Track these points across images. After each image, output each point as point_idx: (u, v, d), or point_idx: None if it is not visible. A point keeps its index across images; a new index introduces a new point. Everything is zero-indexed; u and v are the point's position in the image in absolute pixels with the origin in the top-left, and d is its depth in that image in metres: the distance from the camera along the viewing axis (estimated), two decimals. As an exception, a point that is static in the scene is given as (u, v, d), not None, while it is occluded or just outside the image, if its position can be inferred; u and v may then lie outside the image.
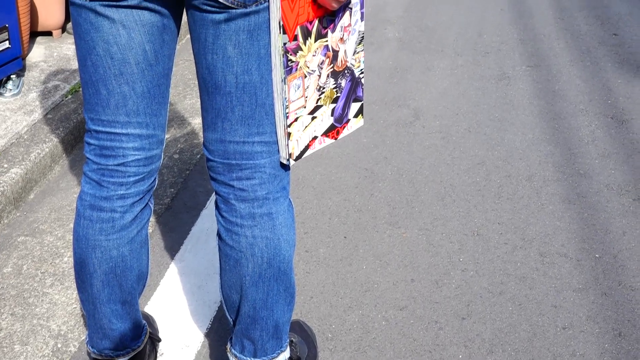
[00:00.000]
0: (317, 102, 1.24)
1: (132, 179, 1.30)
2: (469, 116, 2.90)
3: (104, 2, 1.17)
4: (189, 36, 1.35)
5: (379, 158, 2.58)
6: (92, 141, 1.29)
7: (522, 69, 3.39)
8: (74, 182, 2.40)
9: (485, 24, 3.96)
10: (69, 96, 2.77)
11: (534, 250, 2.06)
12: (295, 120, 1.21)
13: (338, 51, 1.25)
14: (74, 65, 3.02)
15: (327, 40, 1.21)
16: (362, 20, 1.29)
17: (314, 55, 1.19)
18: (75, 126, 2.62)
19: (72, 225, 2.12)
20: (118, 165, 1.28)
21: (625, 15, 4.10)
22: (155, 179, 1.37)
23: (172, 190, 2.37)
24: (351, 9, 1.24)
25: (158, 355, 1.66)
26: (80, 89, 1.98)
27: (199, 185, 2.40)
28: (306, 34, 1.16)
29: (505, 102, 3.03)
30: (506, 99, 3.07)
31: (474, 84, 3.22)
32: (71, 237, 2.02)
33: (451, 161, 2.56)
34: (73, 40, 3.27)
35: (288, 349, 1.47)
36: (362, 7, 1.27)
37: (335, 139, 1.34)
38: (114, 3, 1.17)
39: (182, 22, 1.31)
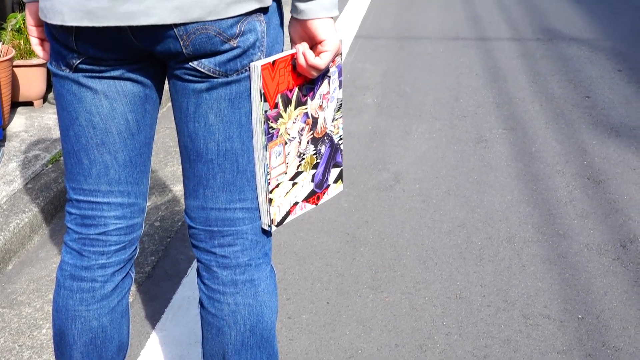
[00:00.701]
0: (297, 168, 1.26)
1: (113, 247, 1.30)
2: (448, 179, 2.94)
3: (87, 74, 1.19)
4: (170, 104, 1.37)
5: (360, 222, 2.59)
6: (73, 210, 1.29)
7: (498, 131, 3.45)
8: (53, 252, 2.38)
9: (461, 89, 4.05)
10: (49, 165, 2.78)
11: (517, 312, 2.06)
12: (277, 186, 1.23)
13: (317, 118, 1.27)
14: (55, 134, 3.04)
15: (306, 108, 1.24)
16: (340, 88, 1.32)
17: (294, 122, 1.21)
18: (56, 195, 2.61)
19: (51, 296, 2.09)
20: (99, 234, 1.28)
21: (597, 78, 4.22)
22: (136, 247, 1.37)
23: (153, 258, 2.35)
24: (330, 77, 1.27)
25: None
26: (61, 158, 1.99)
27: (180, 253, 2.39)
28: (286, 102, 1.19)
29: (484, 165, 3.08)
30: (484, 161, 3.12)
31: (452, 147, 3.27)
32: (50, 308, 1.99)
33: (432, 224, 2.58)
34: (54, 109, 3.30)
35: None
36: (340, 75, 1.30)
37: (316, 204, 1.35)
38: (97, 74, 1.19)
39: (164, 90, 1.32)
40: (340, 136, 1.36)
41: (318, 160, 1.31)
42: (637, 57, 4.65)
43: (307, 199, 1.32)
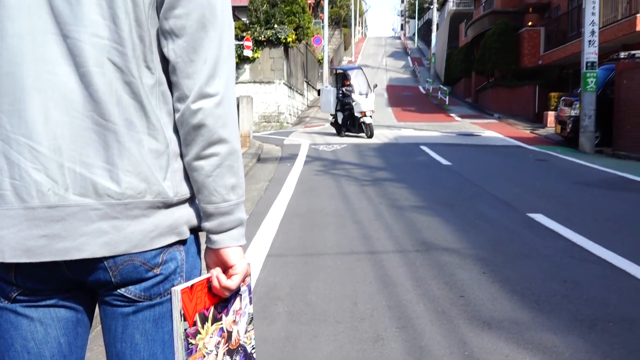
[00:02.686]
0: (216, 378, 1.22)
1: None
2: (353, 376, 2.87)
3: (24, 303, 1.16)
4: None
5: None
6: None
7: (392, 330, 3.47)
8: None
9: (358, 295, 4.11)
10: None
11: None
12: (197, 395, 1.18)
13: (232, 332, 1.26)
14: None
15: (222, 323, 1.23)
16: (250, 304, 1.33)
17: (211, 337, 1.20)
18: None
19: None
20: None
21: (467, 280, 4.40)
22: None
23: None
24: (241, 295, 1.29)
25: None
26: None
27: None
28: (204, 320, 1.18)
29: (382, 361, 3.05)
30: (382, 357, 3.09)
31: (354, 347, 3.24)
32: None
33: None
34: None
35: None
36: (250, 292, 1.32)
37: (234, 408, 1.29)
38: (34, 303, 1.16)
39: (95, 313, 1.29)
40: (252, 346, 1.34)
41: None
42: (496, 261, 4.93)
43: None
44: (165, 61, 1.15)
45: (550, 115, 20.16)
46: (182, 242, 1.21)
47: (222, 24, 1.17)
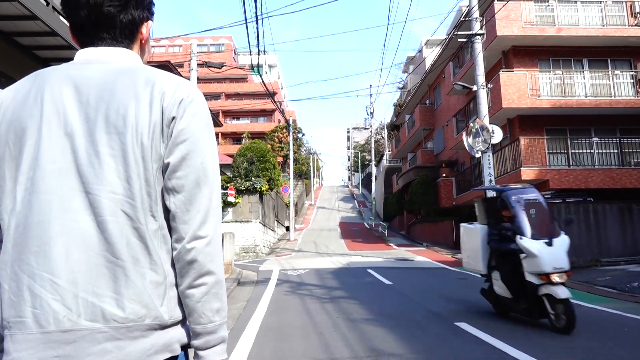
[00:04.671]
0: None
1: None
2: None
3: None
4: None
5: None
6: None
7: None
8: None
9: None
10: None
11: None
12: None
13: None
14: None
15: None
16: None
17: None
18: None
19: None
20: None
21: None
22: None
23: None
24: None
25: None
26: None
27: None
28: None
29: None
30: None
31: None
32: None
33: None
34: None
35: None
36: None
37: None
38: None
39: None
40: None
41: None
42: (433, 363, 4.72)
43: None
44: (166, 210, 1.17)
45: (465, 243, 20.48)
46: (174, 358, 1.15)
47: (213, 182, 1.20)
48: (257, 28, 13.01)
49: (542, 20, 19.11)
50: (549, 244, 6.02)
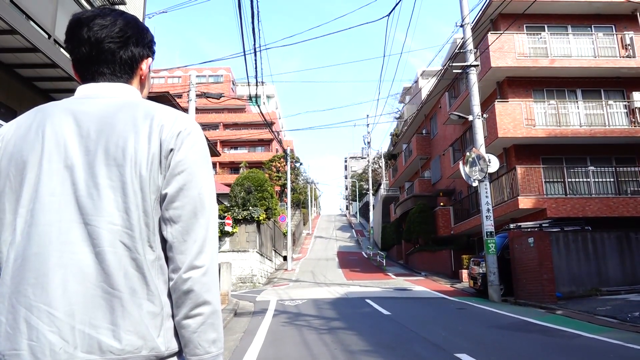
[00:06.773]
0: None
1: None
2: None
3: None
4: None
5: None
6: None
7: None
8: None
9: None
10: None
11: None
12: None
13: None
14: None
15: None
16: None
17: None
18: None
19: None
20: None
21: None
22: None
23: None
24: None
25: None
26: None
27: None
28: None
29: None
30: None
31: None
32: None
33: None
34: None
35: None
36: None
37: None
38: None
39: None
40: None
41: None
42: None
43: None
44: (164, 241, 1.18)
45: (464, 273, 20.36)
46: None
47: (209, 212, 1.22)
48: (255, 60, 13.23)
49: (535, 51, 19.50)
50: None
